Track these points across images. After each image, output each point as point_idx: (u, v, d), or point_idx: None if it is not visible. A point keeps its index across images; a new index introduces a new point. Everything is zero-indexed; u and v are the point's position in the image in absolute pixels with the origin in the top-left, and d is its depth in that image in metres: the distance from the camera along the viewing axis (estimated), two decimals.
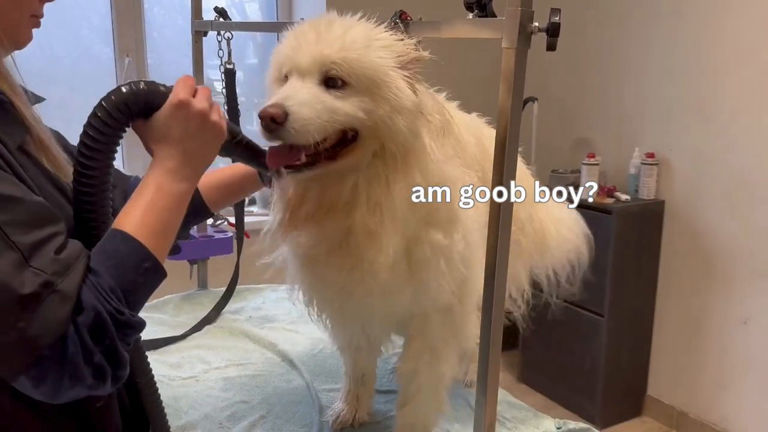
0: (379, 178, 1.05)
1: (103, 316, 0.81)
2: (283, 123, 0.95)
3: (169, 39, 3.09)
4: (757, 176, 2.62)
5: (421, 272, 1.12)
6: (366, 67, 0.99)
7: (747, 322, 2.73)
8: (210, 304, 1.95)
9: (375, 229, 1.05)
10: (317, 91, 0.99)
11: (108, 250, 0.87)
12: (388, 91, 1.00)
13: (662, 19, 2.91)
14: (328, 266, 1.11)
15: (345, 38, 1.01)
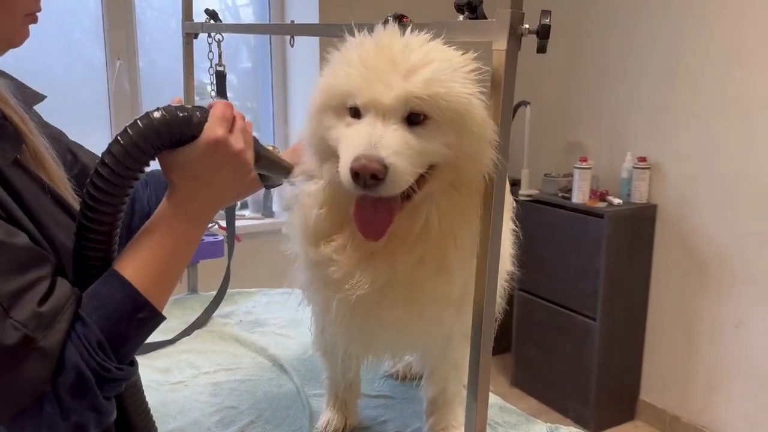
0: (455, 208, 0.98)
1: (85, 375, 0.76)
2: (383, 179, 0.87)
3: (161, 42, 3.08)
4: (749, 180, 2.63)
5: (465, 306, 1.05)
6: (452, 100, 0.91)
7: (739, 325, 2.73)
8: (200, 308, 1.94)
9: (447, 261, 0.99)
10: (404, 135, 0.90)
11: (102, 294, 0.81)
12: (474, 123, 0.91)
13: (654, 23, 2.92)
14: (381, 302, 1.02)
15: (429, 69, 0.91)
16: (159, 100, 0.93)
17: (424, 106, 0.90)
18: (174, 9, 3.06)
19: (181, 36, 1.85)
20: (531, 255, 1.45)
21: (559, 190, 3.16)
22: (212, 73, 1.80)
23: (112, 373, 0.79)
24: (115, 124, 2.88)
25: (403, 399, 1.48)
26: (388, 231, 0.96)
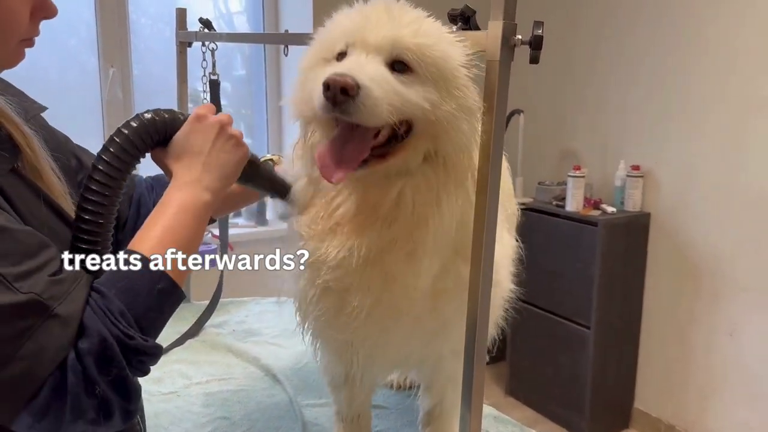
0: (430, 190, 0.96)
1: (108, 341, 0.75)
2: (354, 96, 0.84)
3: (155, 50, 3.08)
4: (742, 188, 2.64)
5: (442, 303, 1.04)
6: (439, 56, 0.91)
7: (732, 333, 2.74)
8: (192, 317, 1.93)
9: (416, 249, 0.96)
10: (385, 70, 0.90)
11: (120, 271, 0.82)
12: (456, 87, 0.92)
13: (647, 32, 2.93)
14: (353, 287, 0.99)
15: (420, 24, 0.94)
16: (152, 107, 0.97)
17: (409, 54, 0.91)
18: (168, 17, 3.05)
19: (175, 44, 1.85)
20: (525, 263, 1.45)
21: (552, 199, 3.16)
22: (206, 82, 1.80)
23: (135, 341, 0.78)
24: (107, 130, 2.87)
25: (398, 409, 1.48)
26: (357, 204, 0.96)
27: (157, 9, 3.08)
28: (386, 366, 1.25)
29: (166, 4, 3.07)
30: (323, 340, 1.17)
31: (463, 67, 0.94)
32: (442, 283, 1.02)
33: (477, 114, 0.94)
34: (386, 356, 1.15)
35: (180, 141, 0.94)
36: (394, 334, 1.06)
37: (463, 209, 0.99)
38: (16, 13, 0.87)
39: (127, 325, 0.78)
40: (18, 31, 0.88)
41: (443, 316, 1.05)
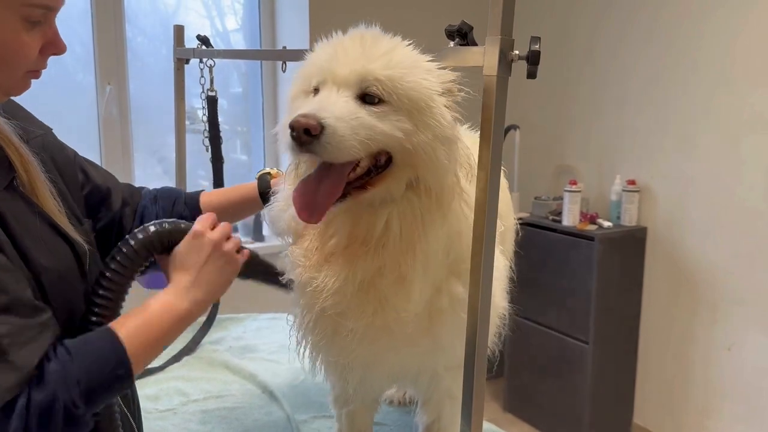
0: (415, 216, 0.97)
1: (58, 403, 0.82)
2: (317, 136, 0.86)
3: (151, 67, 3.08)
4: (737, 202, 2.65)
5: (437, 324, 1.04)
6: (411, 87, 0.92)
7: (731, 348, 2.73)
8: (189, 334, 1.92)
9: (406, 274, 0.97)
10: (353, 105, 0.91)
11: (94, 342, 0.90)
12: (431, 117, 0.92)
13: (642, 48, 2.96)
14: (349, 311, 1.00)
15: (391, 55, 0.94)
16: (149, 125, 0.98)
17: (380, 87, 0.91)
18: (164, 35, 3.08)
19: (173, 61, 1.86)
20: (522, 278, 1.44)
21: (549, 213, 3.17)
22: (204, 98, 1.80)
23: (78, 412, 0.84)
24: (104, 148, 2.87)
25: (397, 425, 1.46)
26: (347, 235, 0.97)
27: (153, 27, 3.10)
28: (382, 383, 1.25)
29: (162, 23, 3.09)
30: (321, 361, 1.17)
31: (441, 95, 0.95)
32: (437, 303, 1.03)
33: (455, 142, 0.96)
34: (382, 374, 1.15)
35: (178, 255, 1.05)
36: (389, 354, 1.07)
37: (453, 230, 1.00)
38: (26, 46, 0.91)
39: (78, 395, 0.84)
40: (26, 64, 0.93)
41: (438, 334, 1.06)
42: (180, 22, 1.93)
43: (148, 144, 3.07)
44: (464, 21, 0.97)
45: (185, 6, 3.15)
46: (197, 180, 3.07)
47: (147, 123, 3.00)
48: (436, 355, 1.11)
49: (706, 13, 2.69)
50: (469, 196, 1.01)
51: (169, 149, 2.94)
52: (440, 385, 1.20)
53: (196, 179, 3.05)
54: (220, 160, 1.80)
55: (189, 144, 1.99)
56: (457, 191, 0.99)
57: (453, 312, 1.03)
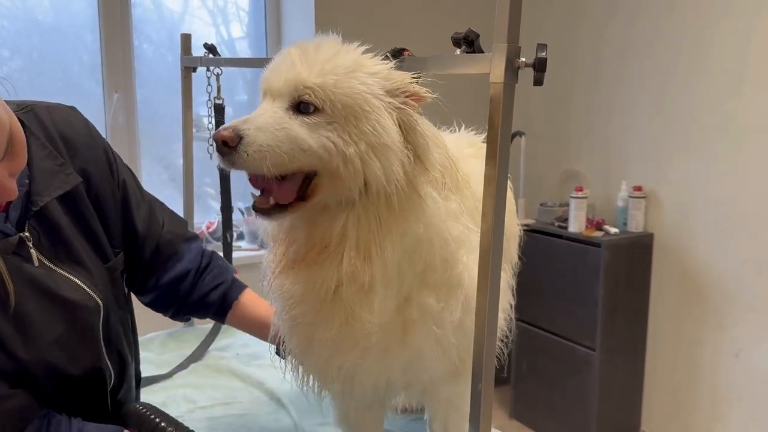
0: (369, 222, 0.94)
1: None
2: (235, 147, 0.87)
3: (158, 75, 3.10)
4: (744, 207, 2.64)
5: (411, 334, 1.03)
6: (344, 93, 0.90)
7: (739, 354, 2.72)
8: (196, 341, 1.92)
9: (364, 283, 0.94)
10: (282, 115, 0.91)
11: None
12: (367, 123, 0.90)
13: (647, 53, 2.96)
14: (317, 321, 1.00)
15: (330, 61, 0.92)
16: (156, 132, 1.01)
17: (312, 94, 0.90)
18: (170, 43, 3.10)
19: (180, 70, 1.87)
20: (528, 285, 1.43)
21: (555, 220, 3.16)
22: (210, 106, 1.81)
23: None
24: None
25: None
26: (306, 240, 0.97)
27: (159, 35, 3.12)
28: (367, 393, 1.19)
29: (167, 30, 3.11)
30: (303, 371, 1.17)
31: (380, 98, 0.92)
32: (408, 314, 1.01)
33: (395, 150, 0.92)
34: (363, 385, 1.12)
35: None
36: (363, 365, 1.05)
37: (420, 238, 0.98)
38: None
39: None
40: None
41: (413, 346, 1.04)
42: (186, 30, 1.95)
43: (154, 151, 3.08)
44: (471, 29, 0.98)
45: (191, 14, 3.17)
46: (203, 187, 3.09)
47: (153, 130, 3.02)
48: (416, 367, 1.09)
49: (714, 19, 2.69)
50: (439, 204, 0.99)
51: (175, 156, 2.95)
52: (438, 396, 1.20)
53: (202, 186, 3.07)
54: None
55: (194, 151, 2.00)
56: (417, 203, 0.96)
57: (424, 324, 1.01)
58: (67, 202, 1.13)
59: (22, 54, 2.78)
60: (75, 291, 1.09)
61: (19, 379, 1.02)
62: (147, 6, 3.01)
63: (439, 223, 0.99)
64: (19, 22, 2.71)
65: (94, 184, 1.19)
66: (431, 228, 0.98)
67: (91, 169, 1.18)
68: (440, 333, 1.03)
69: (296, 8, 3.21)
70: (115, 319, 1.21)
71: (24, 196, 1.05)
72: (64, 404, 1.11)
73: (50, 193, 1.08)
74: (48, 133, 1.13)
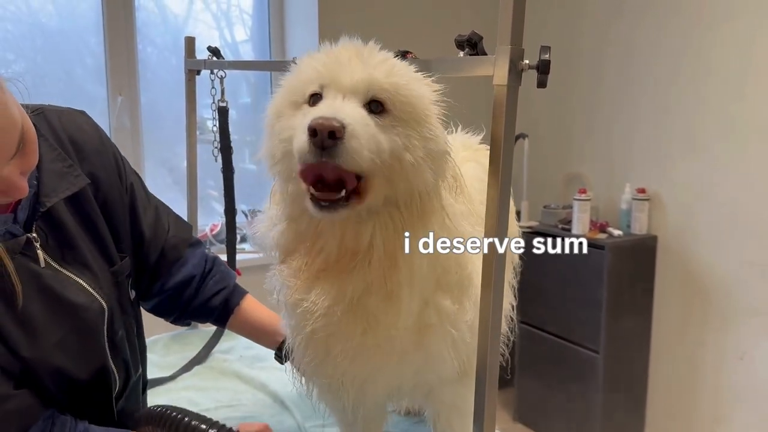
0: (396, 230, 0.94)
1: None
2: (341, 138, 0.82)
3: (162, 78, 3.11)
4: (748, 210, 2.63)
5: (427, 337, 1.03)
6: (412, 95, 0.90)
7: (743, 357, 2.71)
8: (200, 343, 1.92)
9: (392, 290, 0.94)
10: (364, 113, 0.87)
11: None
12: (428, 129, 0.91)
13: (650, 56, 2.95)
14: (337, 333, 0.98)
15: (391, 64, 0.93)
16: (160, 135, 1.01)
17: (384, 94, 0.89)
18: (174, 46, 3.10)
19: (184, 72, 1.87)
20: (532, 287, 1.43)
21: (558, 222, 3.16)
22: (215, 109, 1.82)
23: None
24: None
25: None
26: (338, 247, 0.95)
27: (164, 39, 3.12)
28: (378, 399, 1.21)
29: (171, 33, 3.11)
30: (315, 382, 1.16)
31: (434, 105, 0.94)
32: (426, 318, 1.01)
33: (445, 157, 0.95)
34: (376, 392, 1.13)
35: None
36: (381, 371, 1.06)
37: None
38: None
39: None
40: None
41: (428, 348, 1.04)
42: (189, 33, 1.95)
43: (158, 154, 3.09)
44: (474, 31, 0.98)
45: (194, 17, 3.18)
46: (207, 190, 3.09)
47: (157, 133, 3.02)
48: (429, 369, 1.09)
49: (717, 22, 2.68)
50: (454, 208, 1.00)
51: (179, 159, 2.95)
52: (442, 398, 1.20)
53: (205, 189, 3.07)
54: (231, 170, 1.82)
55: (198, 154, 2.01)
56: (437, 206, 0.97)
57: (441, 327, 1.02)
58: (74, 204, 1.13)
59: (26, 57, 2.79)
60: (80, 293, 1.10)
61: (23, 380, 1.02)
62: (151, 9, 3.02)
63: (455, 226, 1.00)
64: (23, 26, 2.72)
65: (103, 189, 1.20)
66: (446, 232, 0.98)
67: (100, 173, 1.19)
68: (456, 335, 1.03)
69: (299, 12, 3.22)
70: (119, 323, 1.21)
71: (32, 197, 1.05)
72: (68, 407, 1.11)
73: (58, 194, 1.08)
74: (57, 136, 1.14)
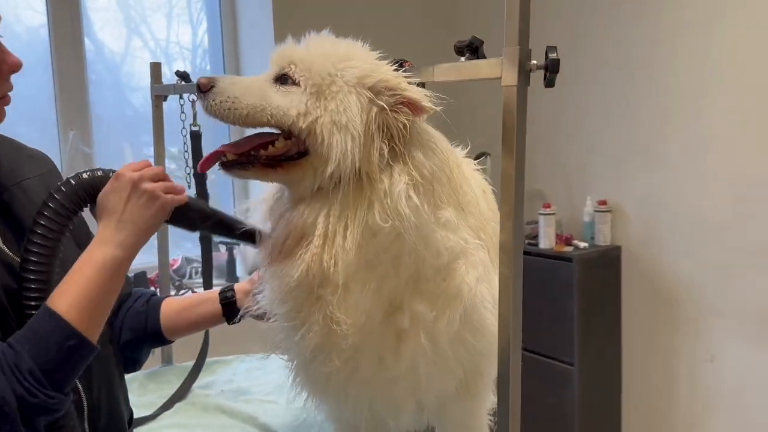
0: (337, 211, 0.96)
1: (7, 399, 0.82)
2: (206, 92, 0.99)
3: (101, 116, 3.01)
4: (708, 217, 2.71)
5: (404, 344, 1.02)
6: (318, 72, 0.98)
7: (713, 360, 2.77)
8: (177, 380, 1.83)
9: (329, 273, 0.95)
10: (262, 79, 1.02)
11: (33, 328, 0.90)
12: (332, 101, 0.97)
13: (609, 70, 3.03)
14: (298, 324, 1.02)
15: (320, 47, 1.01)
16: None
17: (292, 68, 1.00)
18: (113, 84, 3.03)
19: (150, 99, 1.82)
20: None
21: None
22: (184, 135, 1.76)
23: (39, 399, 0.85)
24: None
25: None
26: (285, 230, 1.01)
27: (100, 76, 3.01)
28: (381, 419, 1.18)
29: (110, 71, 3.04)
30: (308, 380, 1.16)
31: (352, 87, 0.97)
32: (400, 322, 1.01)
33: (353, 134, 0.95)
34: (376, 408, 1.11)
35: (101, 200, 1.03)
36: (363, 373, 1.05)
37: (401, 247, 0.97)
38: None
39: (34, 382, 0.85)
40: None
41: (406, 356, 1.03)
42: (127, 71, 1.90)
43: None
44: (474, 36, 0.98)
45: (132, 54, 3.10)
46: None
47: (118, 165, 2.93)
48: (419, 383, 1.07)
49: (673, 35, 2.77)
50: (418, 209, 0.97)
51: None
52: (451, 416, 1.18)
53: None
54: (207, 196, 1.75)
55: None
56: (378, 192, 0.96)
57: (416, 334, 1.01)
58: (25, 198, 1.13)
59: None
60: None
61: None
62: (88, 47, 2.90)
63: (428, 232, 0.98)
64: None
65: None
66: (414, 233, 0.96)
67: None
68: (433, 343, 1.01)
69: (251, 46, 3.19)
70: None
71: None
72: None
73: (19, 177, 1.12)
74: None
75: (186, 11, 3.26)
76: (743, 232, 2.62)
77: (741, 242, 2.63)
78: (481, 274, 1.04)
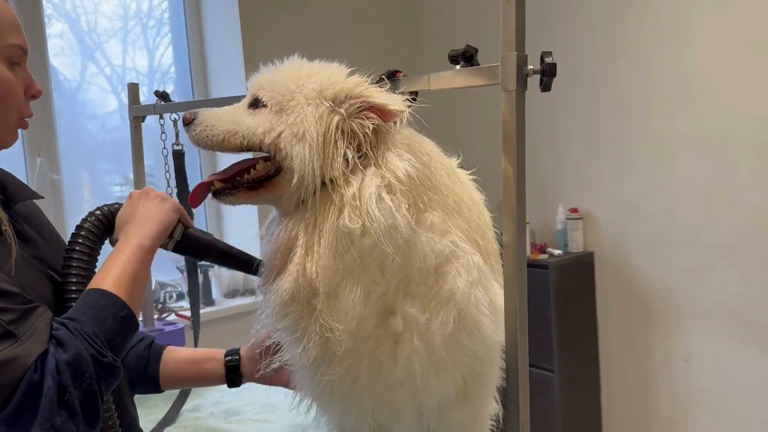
0: (312, 220, 0.99)
1: (83, 355, 0.88)
2: (189, 125, 1.08)
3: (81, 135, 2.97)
4: (678, 219, 2.79)
5: (400, 347, 1.02)
6: (279, 91, 1.03)
7: (689, 359, 2.83)
8: (164, 405, 1.79)
9: (314, 281, 0.97)
10: (237, 108, 1.09)
11: (87, 303, 0.97)
12: (291, 115, 1.01)
13: (571, 79, 3.10)
14: (299, 336, 1.03)
15: (285, 70, 1.07)
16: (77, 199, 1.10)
17: (261, 92, 1.06)
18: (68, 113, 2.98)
19: (129, 120, 1.80)
20: None
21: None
22: (165, 155, 1.75)
23: (108, 359, 0.92)
24: None
25: None
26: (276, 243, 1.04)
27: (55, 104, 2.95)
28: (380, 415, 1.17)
29: (65, 100, 2.97)
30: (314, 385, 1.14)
31: (310, 100, 1.01)
32: (394, 326, 1.02)
33: (310, 142, 0.98)
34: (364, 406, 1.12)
35: (119, 218, 1.15)
36: (364, 379, 1.05)
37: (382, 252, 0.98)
38: (14, 84, 1.00)
39: (100, 345, 0.91)
40: (17, 104, 1.02)
41: (404, 363, 1.03)
42: (83, 99, 1.88)
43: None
44: (469, 44, 1.00)
45: (88, 81, 3.04)
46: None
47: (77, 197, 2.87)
48: (416, 390, 1.07)
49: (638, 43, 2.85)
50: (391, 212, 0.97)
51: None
52: (452, 421, 1.17)
53: None
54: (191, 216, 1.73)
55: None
56: (346, 198, 0.97)
57: (410, 337, 1.01)
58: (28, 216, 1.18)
59: None
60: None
61: None
62: None
63: (410, 235, 0.98)
64: None
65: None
66: (391, 235, 0.96)
67: None
68: (427, 345, 1.02)
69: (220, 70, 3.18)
70: None
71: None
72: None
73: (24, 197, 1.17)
74: None
75: (141, 37, 3.22)
76: (715, 232, 2.70)
77: (713, 242, 2.71)
78: (475, 279, 1.03)
